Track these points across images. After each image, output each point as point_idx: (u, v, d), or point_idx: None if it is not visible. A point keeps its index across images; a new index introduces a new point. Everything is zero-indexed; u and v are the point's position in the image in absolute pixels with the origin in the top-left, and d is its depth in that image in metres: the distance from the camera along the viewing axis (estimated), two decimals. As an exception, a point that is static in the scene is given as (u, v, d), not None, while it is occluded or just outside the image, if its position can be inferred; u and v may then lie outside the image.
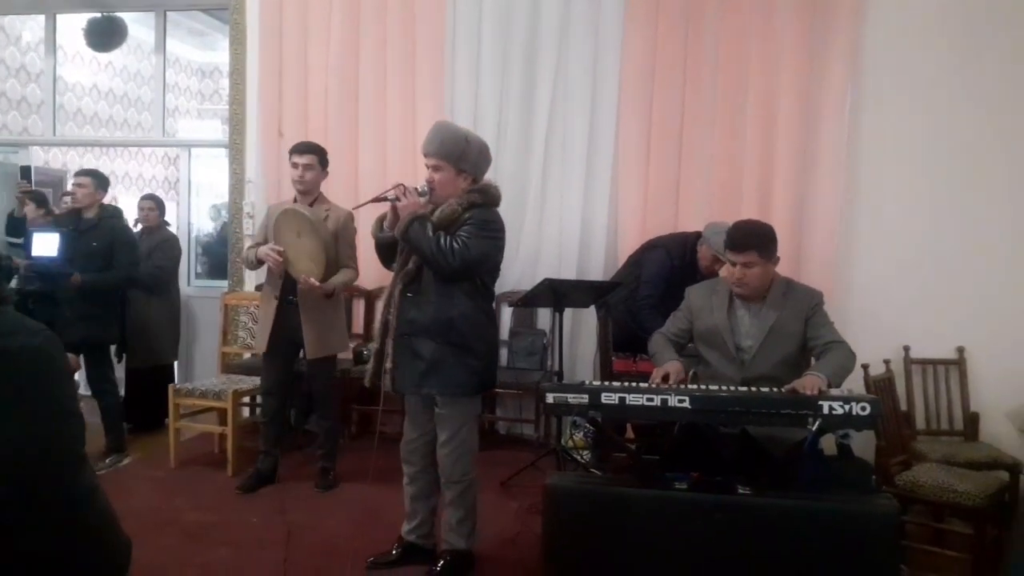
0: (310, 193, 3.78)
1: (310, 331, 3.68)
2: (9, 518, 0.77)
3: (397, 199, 2.69)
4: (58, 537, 0.80)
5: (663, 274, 3.85)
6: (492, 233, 2.76)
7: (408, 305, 2.74)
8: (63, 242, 3.28)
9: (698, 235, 3.98)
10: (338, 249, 3.73)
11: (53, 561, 0.80)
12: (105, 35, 5.89)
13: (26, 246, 3.29)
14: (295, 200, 3.80)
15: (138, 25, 6.64)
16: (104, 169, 8.05)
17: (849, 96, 4.22)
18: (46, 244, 3.23)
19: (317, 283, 3.55)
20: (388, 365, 2.75)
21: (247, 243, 5.08)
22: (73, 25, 6.23)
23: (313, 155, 3.76)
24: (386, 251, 2.86)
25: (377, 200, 2.80)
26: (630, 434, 4.08)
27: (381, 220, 2.82)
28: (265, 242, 3.80)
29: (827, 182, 4.25)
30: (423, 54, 4.75)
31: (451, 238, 2.67)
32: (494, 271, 2.90)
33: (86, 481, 0.82)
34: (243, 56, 5.05)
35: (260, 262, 3.73)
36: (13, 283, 3.34)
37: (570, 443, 4.24)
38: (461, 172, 2.75)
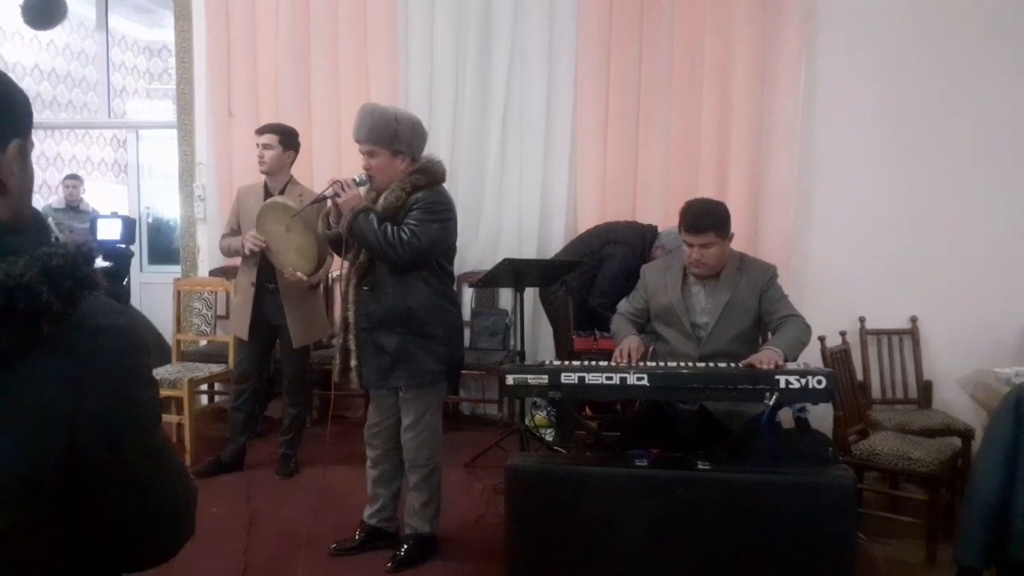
0: (275, 175, 3.67)
1: (295, 320, 3.63)
2: (99, 474, 0.88)
3: (336, 195, 2.60)
4: (144, 485, 0.92)
5: (624, 273, 3.86)
6: (440, 215, 2.69)
7: (365, 299, 2.69)
8: (124, 226, 3.65)
9: (653, 230, 4.01)
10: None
11: (139, 506, 0.93)
12: (43, 12, 5.62)
13: (92, 231, 3.70)
14: (265, 185, 3.70)
15: (80, 2, 6.39)
16: (50, 152, 7.85)
17: (803, 68, 4.22)
18: (110, 229, 3.58)
19: (304, 277, 3.46)
20: (353, 362, 2.70)
21: (200, 227, 5.01)
22: (11, 1, 5.96)
23: (272, 134, 3.63)
24: (337, 246, 2.80)
25: (317, 202, 2.74)
26: (589, 412, 4.10)
27: (327, 216, 2.75)
28: (239, 227, 3.70)
29: (783, 154, 4.27)
30: (375, 29, 4.65)
31: (398, 228, 2.60)
32: (449, 252, 2.86)
33: (159, 437, 0.95)
34: (189, 33, 4.90)
35: (251, 252, 3.61)
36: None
37: (533, 422, 4.24)
38: (397, 154, 2.67)
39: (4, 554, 0.85)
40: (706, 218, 2.81)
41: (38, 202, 7.27)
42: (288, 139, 3.67)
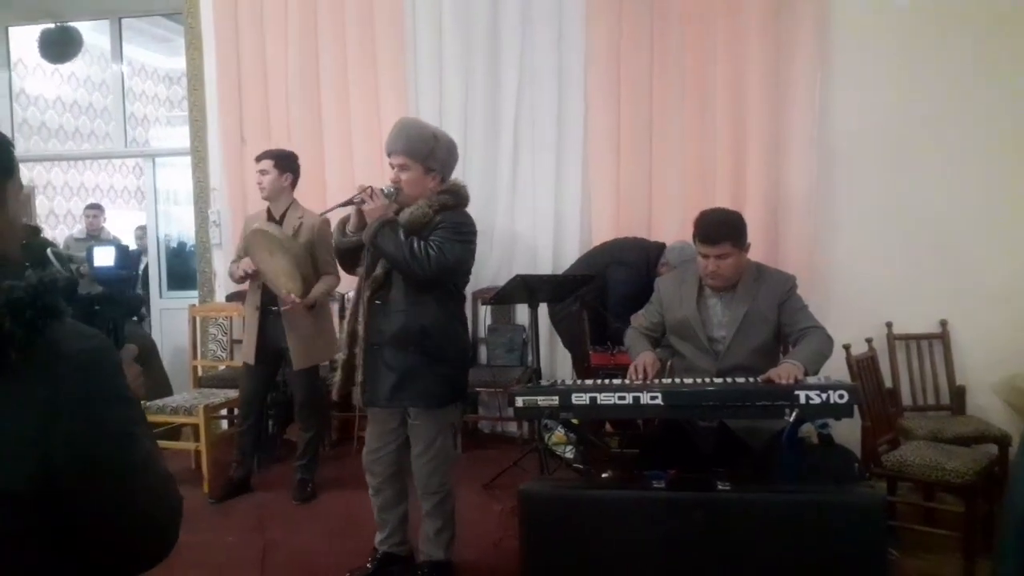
0: (276, 199, 3.71)
1: (295, 342, 3.63)
2: (75, 494, 0.93)
3: (363, 202, 2.56)
4: (121, 500, 0.98)
5: (630, 294, 3.82)
6: (466, 237, 2.66)
7: (377, 313, 2.63)
8: (119, 253, 3.92)
9: (660, 248, 3.95)
10: (316, 256, 3.65)
11: (120, 521, 0.99)
12: (59, 45, 5.74)
13: (88, 259, 3.94)
14: (268, 211, 3.75)
15: (98, 34, 6.49)
16: (74, 182, 7.96)
17: (819, 72, 4.13)
18: (105, 256, 3.85)
19: (298, 299, 3.49)
20: (359, 378, 2.63)
21: (216, 253, 5.03)
22: (29, 37, 6.07)
23: (268, 160, 3.69)
24: (350, 256, 2.75)
25: (344, 205, 2.67)
26: (610, 427, 4.02)
27: (343, 224, 2.69)
28: (245, 253, 3.74)
29: (801, 161, 4.18)
30: (384, 49, 4.64)
31: (424, 243, 2.56)
32: (467, 275, 2.82)
33: (143, 450, 1.00)
34: (200, 61, 4.93)
35: (245, 276, 3.68)
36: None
37: (551, 440, 4.16)
38: (430, 171, 2.63)
39: None
40: (721, 228, 2.73)
41: (62, 232, 7.38)
42: (283, 162, 3.70)
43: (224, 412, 4.59)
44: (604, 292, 3.96)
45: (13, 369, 0.89)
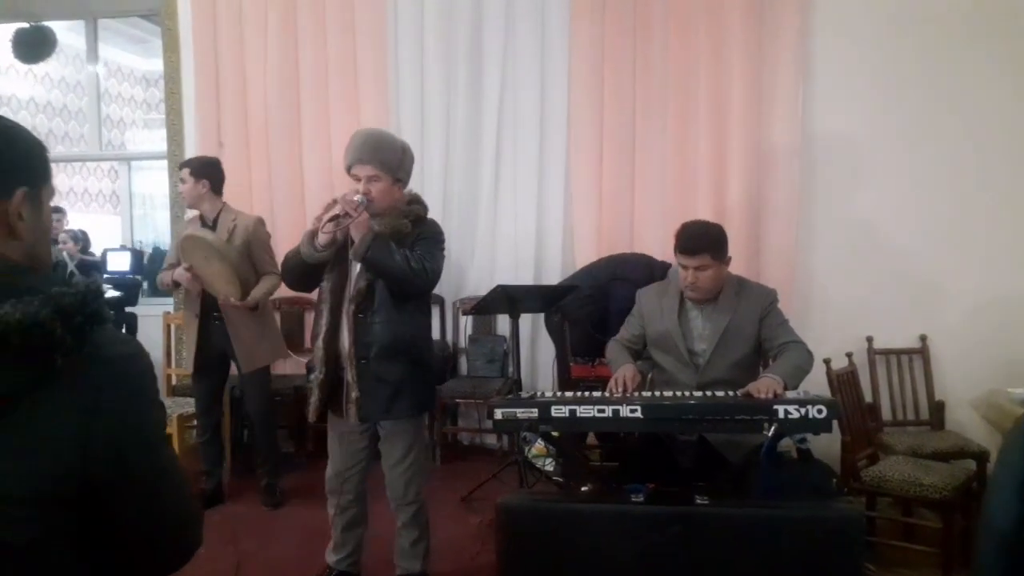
0: (198, 206, 3.77)
1: (240, 346, 3.67)
2: (111, 491, 0.97)
3: (347, 215, 2.52)
4: (153, 500, 1.03)
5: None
6: (442, 247, 2.74)
7: (363, 328, 2.62)
8: (133, 259, 3.92)
9: (665, 269, 3.96)
10: (254, 256, 3.69)
11: (149, 522, 1.03)
12: (33, 45, 5.68)
13: (103, 263, 3.98)
14: (201, 216, 3.79)
15: (74, 34, 6.44)
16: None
17: (802, 83, 4.18)
18: (119, 261, 3.87)
19: (238, 302, 3.54)
20: (354, 395, 2.62)
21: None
22: (2, 37, 6.02)
23: (185, 168, 3.76)
24: (313, 272, 2.68)
25: (335, 220, 2.58)
26: (594, 439, 4.03)
27: (312, 238, 2.62)
28: (178, 261, 3.76)
29: (783, 172, 4.21)
30: (365, 54, 4.65)
31: (416, 255, 2.59)
32: None
33: (167, 458, 1.05)
34: (177, 64, 4.90)
35: (176, 284, 3.71)
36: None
37: (532, 451, 4.16)
38: (398, 182, 2.65)
39: (26, 566, 0.94)
40: (701, 240, 2.76)
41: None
42: (200, 170, 3.74)
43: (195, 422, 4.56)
44: (604, 307, 3.95)
45: (58, 374, 0.92)
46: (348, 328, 2.61)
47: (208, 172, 3.75)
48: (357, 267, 2.62)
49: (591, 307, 3.98)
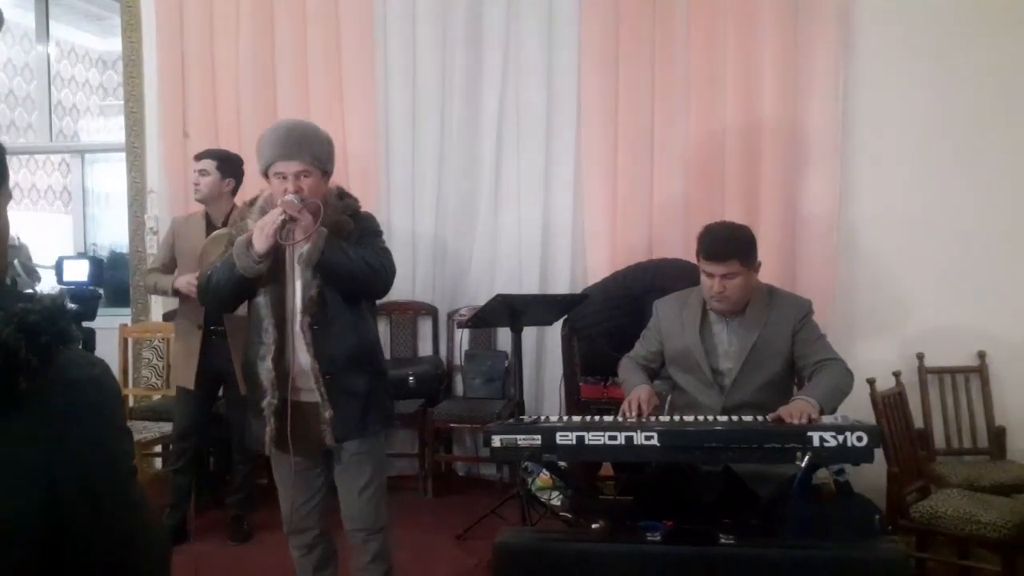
0: (212, 203, 3.81)
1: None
2: (78, 529, 0.98)
3: (292, 219, 2.51)
4: (122, 538, 1.03)
5: None
6: (384, 240, 2.82)
7: (323, 340, 2.64)
8: (92, 267, 3.98)
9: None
10: None
11: (119, 558, 1.04)
12: (-24, 24, 5.74)
13: (58, 273, 4.05)
14: (206, 215, 3.83)
15: (22, 11, 6.50)
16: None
17: (842, 69, 4.20)
18: (76, 270, 3.91)
19: None
20: (328, 414, 2.64)
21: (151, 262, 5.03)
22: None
23: (210, 160, 3.81)
24: (245, 287, 2.65)
25: (284, 228, 2.54)
26: (607, 470, 4.04)
27: (247, 245, 2.56)
28: (172, 262, 3.82)
29: (821, 169, 4.24)
30: (349, 37, 4.69)
31: (372, 252, 2.66)
32: None
33: (136, 492, 1.05)
34: (139, 45, 4.95)
35: (176, 293, 3.74)
36: None
37: (536, 482, 4.17)
38: (326, 175, 2.70)
39: None
40: (727, 244, 2.78)
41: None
42: (227, 166, 3.81)
43: (159, 449, 4.59)
44: (630, 321, 3.96)
45: (20, 398, 0.92)
46: (304, 342, 2.62)
47: (236, 171, 3.85)
48: (298, 275, 2.62)
49: (617, 320, 3.97)
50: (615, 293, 4.06)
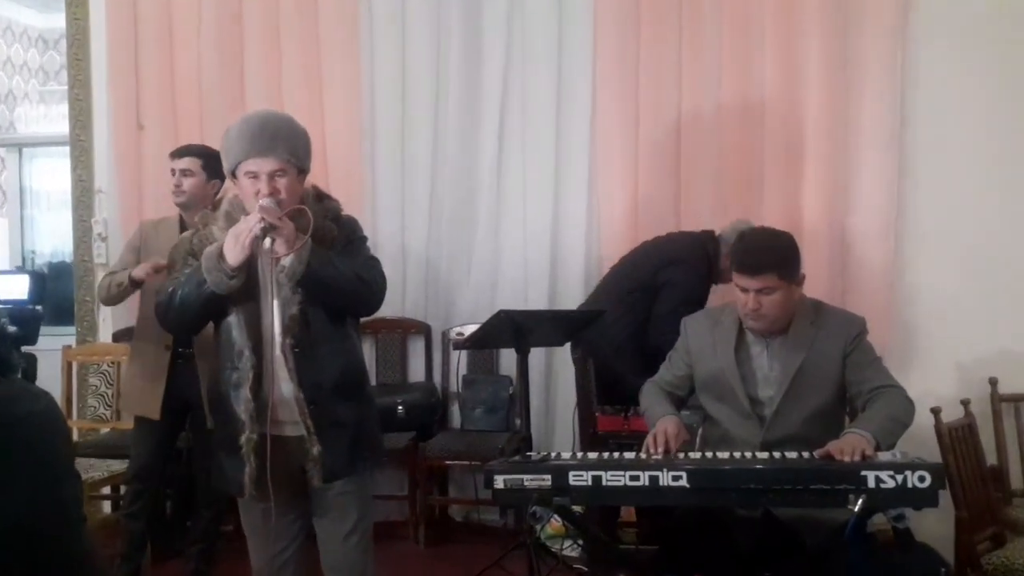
0: (194, 208, 3.72)
1: None
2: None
3: (272, 227, 2.48)
4: None
5: (687, 298, 3.90)
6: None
7: (306, 364, 2.66)
8: (33, 283, 3.95)
9: (712, 238, 4.04)
10: None
11: None
12: None
13: None
14: (181, 220, 3.82)
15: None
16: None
17: (900, 56, 4.21)
18: (13, 287, 3.90)
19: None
20: (316, 450, 2.63)
21: (101, 276, 5.03)
22: None
23: (193, 158, 3.79)
24: (214, 306, 2.65)
25: (262, 238, 2.52)
26: (628, 514, 4.05)
27: (219, 258, 2.55)
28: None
29: (876, 167, 4.24)
30: (328, 12, 4.73)
31: (363, 263, 2.69)
32: None
33: (85, 542, 1.09)
34: (86, 22, 4.99)
35: (136, 284, 3.69)
36: None
37: (546, 529, 4.18)
38: (302, 173, 2.70)
39: None
40: (766, 255, 2.79)
41: None
42: (213, 164, 3.73)
43: (107, 490, 4.59)
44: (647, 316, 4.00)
45: None
46: (287, 368, 2.62)
47: (221, 173, 3.80)
48: (273, 291, 2.61)
49: (633, 323, 4.00)
50: (627, 287, 4.08)
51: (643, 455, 2.70)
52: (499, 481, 2.52)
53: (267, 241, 2.47)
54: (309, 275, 2.53)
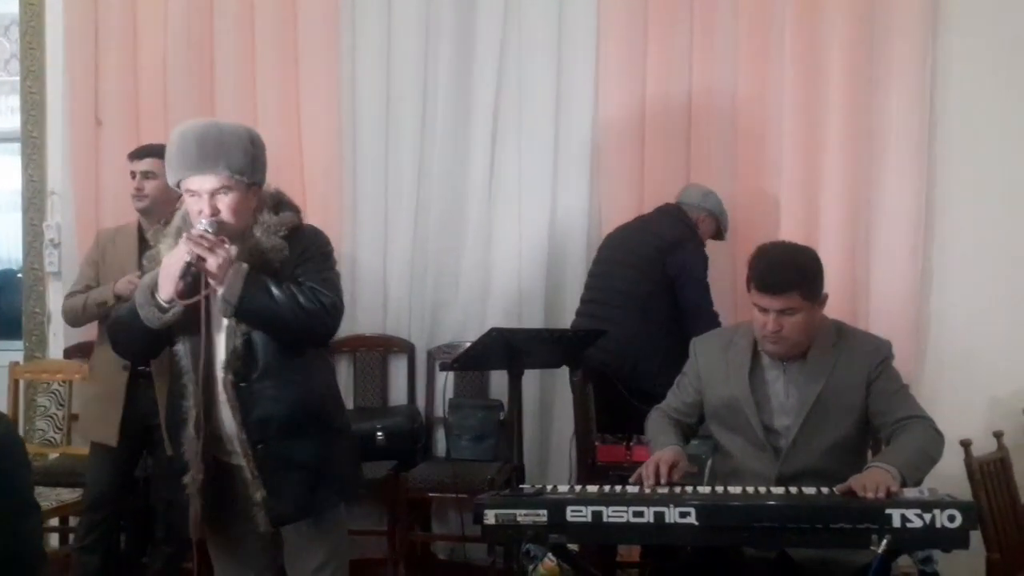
0: (156, 212, 3.74)
1: None
2: None
3: (200, 259, 2.49)
4: None
5: (706, 270, 4.11)
6: (334, 261, 2.81)
7: (250, 401, 2.65)
8: None
9: (676, 208, 4.20)
10: None
11: None
12: None
13: None
14: (139, 227, 3.83)
15: None
16: None
17: (929, 52, 4.23)
18: None
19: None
20: (259, 495, 2.64)
21: (53, 286, 5.03)
22: None
23: (156, 159, 3.73)
24: (157, 337, 2.68)
25: (184, 275, 2.53)
26: (630, 553, 4.04)
27: (151, 291, 2.59)
28: (98, 284, 3.79)
29: (901, 174, 4.26)
30: (309, 4, 4.75)
31: (309, 288, 2.62)
32: None
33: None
34: (40, 8, 4.99)
35: (122, 301, 3.59)
36: None
37: (539, 569, 4.17)
38: (251, 187, 2.67)
39: None
40: (787, 272, 2.79)
41: None
42: None
43: (55, 522, 4.57)
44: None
45: None
46: (229, 404, 2.64)
47: None
48: (223, 320, 2.63)
49: (658, 331, 4.03)
50: (641, 292, 4.10)
51: (634, 487, 2.70)
52: (490, 516, 2.51)
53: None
54: (241, 308, 2.54)
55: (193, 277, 2.52)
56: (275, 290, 2.56)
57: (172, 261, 2.52)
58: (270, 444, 2.64)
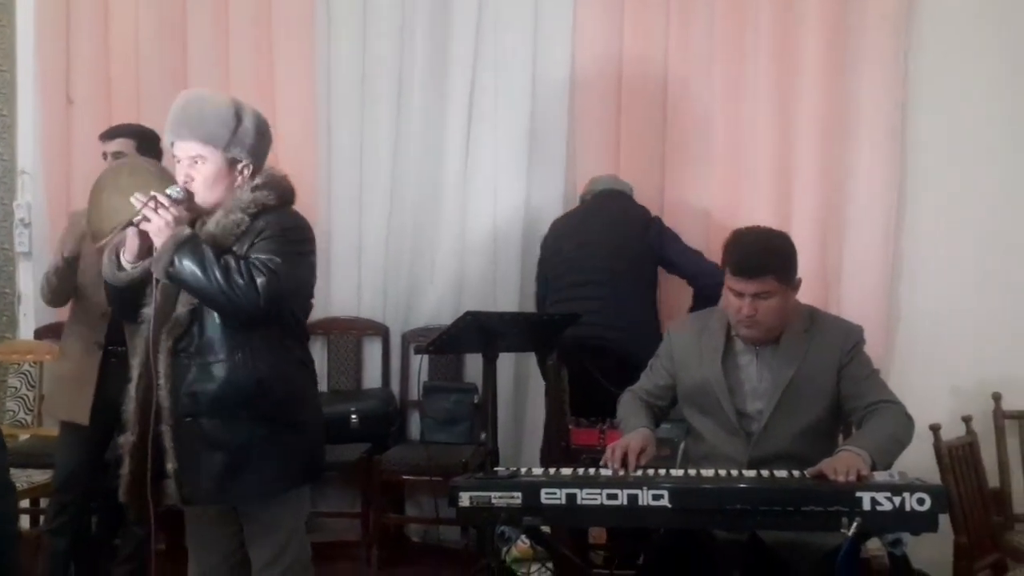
0: None
1: None
2: None
3: (144, 219, 2.55)
4: None
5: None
6: (301, 246, 2.77)
7: (185, 371, 2.65)
8: None
9: (623, 195, 4.25)
10: None
11: None
12: None
13: None
14: None
15: None
16: None
17: (904, 39, 4.24)
18: None
19: None
20: (172, 466, 2.63)
21: (22, 266, 4.99)
22: None
23: (126, 139, 3.78)
24: (130, 297, 2.73)
25: (123, 228, 2.64)
26: (601, 536, 4.07)
27: (117, 253, 2.67)
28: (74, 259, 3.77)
29: (875, 162, 4.27)
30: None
31: (245, 262, 2.61)
32: (308, 299, 2.94)
33: (17, 564, 0.91)
34: (9, -19, 4.97)
35: (71, 263, 3.69)
36: None
37: (512, 552, 4.18)
38: (234, 163, 2.70)
39: None
40: (763, 256, 2.80)
41: None
42: (147, 144, 3.77)
43: (26, 503, 4.55)
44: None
45: None
46: (164, 373, 2.63)
47: (156, 150, 3.76)
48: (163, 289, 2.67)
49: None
50: (641, 259, 4.14)
51: (607, 470, 2.71)
52: (464, 499, 2.53)
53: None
54: (169, 271, 2.55)
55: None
56: (209, 258, 2.55)
57: (129, 225, 2.60)
58: (199, 420, 2.64)
